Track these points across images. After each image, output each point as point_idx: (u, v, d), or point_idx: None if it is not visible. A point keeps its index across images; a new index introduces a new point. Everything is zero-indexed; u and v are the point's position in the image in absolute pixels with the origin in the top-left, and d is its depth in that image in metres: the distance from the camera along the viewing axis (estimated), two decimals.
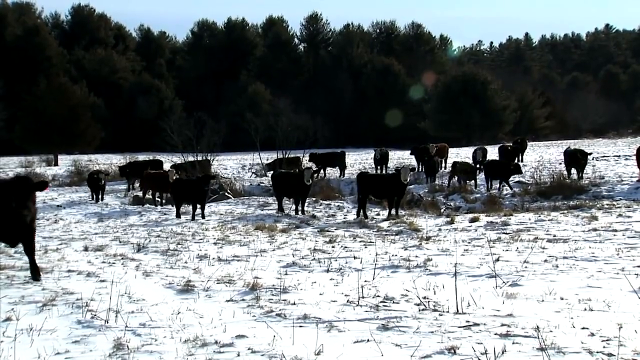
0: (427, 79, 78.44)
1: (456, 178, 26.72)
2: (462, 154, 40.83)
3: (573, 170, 25.74)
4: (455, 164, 27.84)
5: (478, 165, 28.25)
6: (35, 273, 9.65)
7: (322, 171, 31.66)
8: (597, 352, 5.63)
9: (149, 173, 25.48)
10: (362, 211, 18.67)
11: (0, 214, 9.25)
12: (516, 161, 30.14)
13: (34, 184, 9.63)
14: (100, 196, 25.19)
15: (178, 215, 19.36)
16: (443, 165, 32.09)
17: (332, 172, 33.16)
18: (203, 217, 18.92)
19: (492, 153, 32.26)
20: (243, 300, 8.05)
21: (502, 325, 6.61)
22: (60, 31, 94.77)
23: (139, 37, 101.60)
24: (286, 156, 34.18)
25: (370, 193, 19.33)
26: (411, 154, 34.20)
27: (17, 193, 9.20)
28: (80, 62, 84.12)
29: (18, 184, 9.35)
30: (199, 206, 19.22)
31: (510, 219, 16.00)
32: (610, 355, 5.51)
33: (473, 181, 26.18)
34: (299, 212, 19.66)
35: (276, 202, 21.38)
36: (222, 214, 19.96)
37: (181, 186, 20.00)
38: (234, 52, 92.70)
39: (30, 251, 9.77)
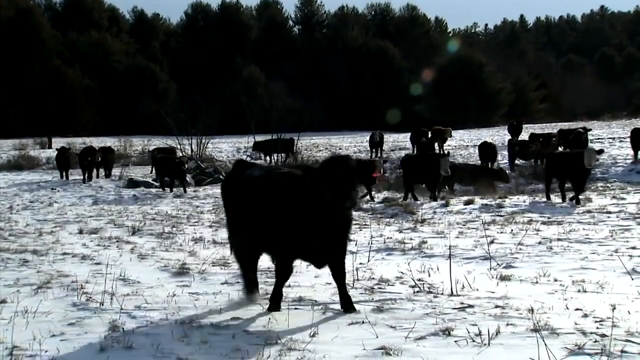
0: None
1: None
2: (457, 137, 40.76)
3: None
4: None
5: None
6: (349, 305, 6.65)
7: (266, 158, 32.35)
8: (591, 333, 5.65)
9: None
10: (561, 193, 16.93)
11: (302, 213, 6.41)
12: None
13: (360, 168, 6.99)
14: (183, 185, 22.11)
15: None
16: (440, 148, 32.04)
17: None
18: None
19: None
20: (238, 282, 8.05)
21: (497, 307, 6.64)
22: (53, 13, 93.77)
23: (132, 19, 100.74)
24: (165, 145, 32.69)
25: (556, 175, 17.51)
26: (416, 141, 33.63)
27: (333, 179, 6.12)
28: (74, 44, 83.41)
29: (333, 167, 6.25)
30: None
31: (504, 201, 16.03)
32: (603, 336, 5.53)
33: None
34: None
35: None
36: (217, 197, 19.92)
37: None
38: (229, 34, 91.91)
39: (341, 274, 6.73)
